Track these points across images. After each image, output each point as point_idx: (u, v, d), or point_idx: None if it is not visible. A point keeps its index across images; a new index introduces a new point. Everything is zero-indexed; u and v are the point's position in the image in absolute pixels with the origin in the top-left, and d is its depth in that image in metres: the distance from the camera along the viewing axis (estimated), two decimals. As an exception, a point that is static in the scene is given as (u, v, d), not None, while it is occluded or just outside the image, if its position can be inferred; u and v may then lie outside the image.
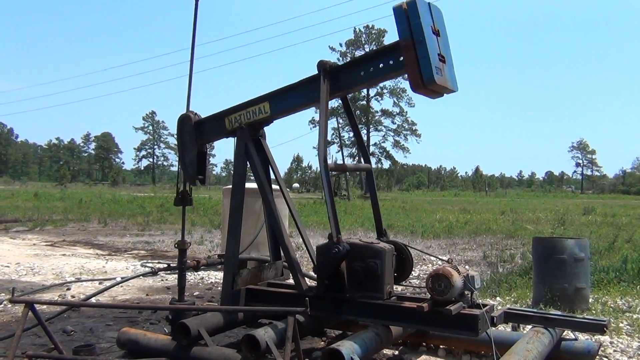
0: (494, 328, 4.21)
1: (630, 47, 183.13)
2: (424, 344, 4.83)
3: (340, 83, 4.32)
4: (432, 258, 10.67)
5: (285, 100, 4.60)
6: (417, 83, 3.79)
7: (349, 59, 70.59)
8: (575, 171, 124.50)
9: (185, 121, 5.00)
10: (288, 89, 4.58)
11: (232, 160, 4.92)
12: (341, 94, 4.61)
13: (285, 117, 4.78)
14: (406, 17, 3.77)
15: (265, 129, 5.00)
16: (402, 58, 3.88)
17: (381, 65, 4.10)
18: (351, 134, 67.40)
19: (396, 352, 4.70)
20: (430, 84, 3.77)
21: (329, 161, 4.35)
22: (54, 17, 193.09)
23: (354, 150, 66.83)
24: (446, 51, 3.96)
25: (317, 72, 4.33)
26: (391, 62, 4.03)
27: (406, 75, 3.91)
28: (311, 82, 4.38)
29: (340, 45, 71.27)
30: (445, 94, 4.05)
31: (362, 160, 5.18)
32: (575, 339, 4.45)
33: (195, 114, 5.03)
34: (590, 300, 6.51)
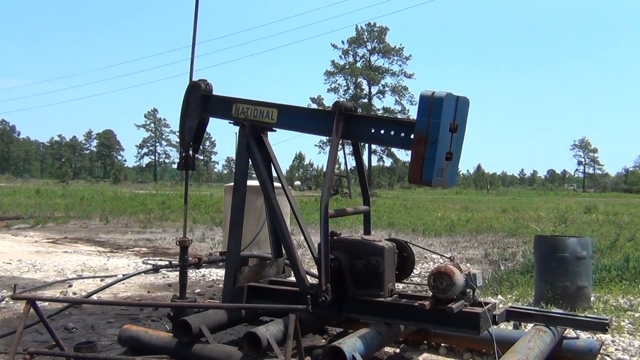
0: (495, 326, 4.20)
1: (633, 45, 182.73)
2: (425, 342, 4.83)
3: (349, 129, 4.33)
4: (434, 256, 10.67)
5: (293, 118, 4.66)
6: (414, 177, 3.87)
7: (350, 56, 71.13)
8: (577, 169, 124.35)
9: (194, 89, 4.99)
10: (299, 110, 4.67)
11: (234, 158, 4.91)
12: (346, 139, 4.65)
13: (287, 130, 4.83)
14: (429, 111, 3.77)
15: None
16: (412, 137, 3.90)
17: (392, 132, 4.14)
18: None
19: (397, 350, 4.70)
20: (426, 184, 3.89)
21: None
22: (55, 15, 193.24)
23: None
24: (457, 148, 4.01)
25: (330, 108, 4.33)
26: (402, 134, 4.07)
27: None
28: (322, 114, 4.48)
29: (342, 42, 71.18)
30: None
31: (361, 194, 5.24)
32: (577, 338, 4.45)
33: (207, 84, 5.02)
34: (592, 298, 6.50)
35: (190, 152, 5.06)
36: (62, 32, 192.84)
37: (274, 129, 4.84)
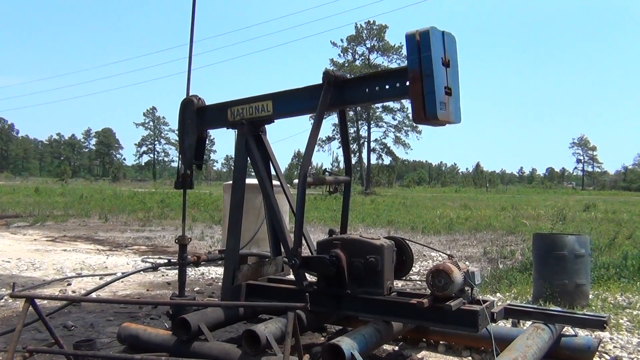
0: (494, 324, 4.21)
1: (632, 44, 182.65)
2: (424, 339, 4.84)
3: (343, 96, 4.31)
4: (433, 254, 10.68)
5: (288, 103, 4.62)
6: (419, 116, 3.80)
7: (350, 54, 71.11)
8: (576, 167, 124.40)
9: (187, 105, 5.00)
10: (292, 93, 4.59)
11: (233, 156, 4.91)
12: (342, 107, 4.62)
13: (286, 118, 4.81)
14: (417, 48, 3.75)
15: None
16: (407, 83, 3.87)
17: (387, 86, 4.11)
18: (352, 130, 67.44)
19: (396, 348, 4.70)
20: (432, 119, 3.79)
21: (330, 157, 4.37)
22: (54, 13, 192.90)
23: (354, 147, 66.82)
24: (454, 83, 3.94)
25: (321, 79, 4.29)
26: (397, 85, 4.04)
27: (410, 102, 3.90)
28: (315, 89, 4.38)
29: (342, 40, 71.13)
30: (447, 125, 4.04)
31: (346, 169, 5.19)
32: (575, 335, 4.45)
33: (199, 99, 5.03)
34: (590, 296, 6.51)
35: (194, 168, 5.07)
36: (61, 30, 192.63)
37: (273, 120, 4.82)
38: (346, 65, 69.50)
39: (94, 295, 6.26)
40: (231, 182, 5.05)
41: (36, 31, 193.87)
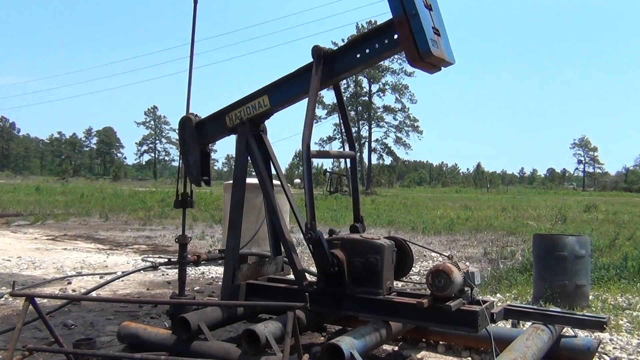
0: (493, 324, 4.21)
1: (633, 45, 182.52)
2: (423, 339, 4.84)
3: (336, 68, 4.29)
4: (433, 254, 10.68)
5: (284, 92, 4.58)
6: (414, 57, 3.77)
7: (351, 54, 71.18)
8: (577, 168, 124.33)
9: (186, 123, 5.01)
10: (285, 80, 4.56)
11: (234, 156, 4.92)
12: (338, 79, 4.56)
13: (285, 108, 4.76)
14: None
15: (267, 124, 5.00)
16: (396, 36, 3.86)
17: (377, 45, 4.08)
18: (353, 130, 67.35)
19: (396, 348, 4.71)
20: (427, 57, 3.76)
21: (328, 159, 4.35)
22: (55, 11, 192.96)
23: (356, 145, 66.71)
24: (440, 25, 3.93)
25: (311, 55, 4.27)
26: (386, 41, 4.01)
27: (403, 52, 3.87)
28: (308, 70, 4.34)
29: (343, 40, 71.11)
30: (442, 67, 4.02)
31: (347, 147, 5.15)
32: (575, 336, 4.46)
33: (196, 115, 5.04)
34: (590, 297, 6.51)
35: (194, 184, 5.07)
36: (62, 29, 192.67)
37: (273, 112, 4.79)
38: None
39: (94, 294, 6.26)
40: (231, 181, 5.05)
41: (37, 30, 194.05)
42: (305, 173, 4.22)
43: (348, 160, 5.07)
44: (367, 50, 4.14)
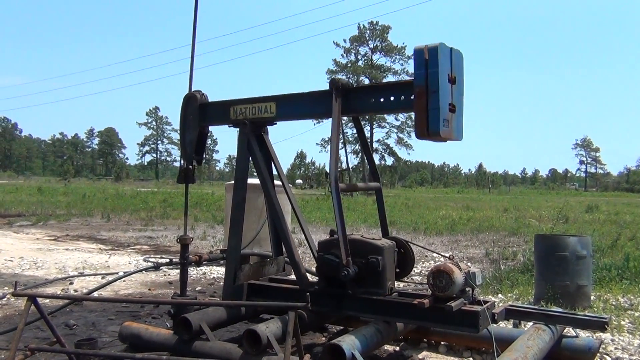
0: (494, 325, 4.21)
1: (636, 45, 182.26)
2: (425, 340, 4.84)
3: (349, 104, 4.32)
4: (435, 255, 10.67)
5: (292, 107, 4.63)
6: (422, 131, 3.82)
7: (352, 55, 71.08)
8: (579, 169, 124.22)
9: (190, 100, 5.00)
10: (296, 97, 4.60)
11: (235, 156, 4.92)
12: (348, 115, 4.62)
13: (288, 121, 4.83)
14: (425, 63, 3.76)
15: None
16: (413, 97, 3.88)
17: (392, 98, 4.13)
18: (354, 130, 67.29)
19: (397, 348, 4.71)
20: (434, 135, 3.81)
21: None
22: (57, 13, 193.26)
23: (357, 146, 66.72)
24: (458, 99, 3.96)
25: (328, 87, 4.31)
26: (402, 97, 4.06)
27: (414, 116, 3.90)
28: (320, 95, 4.41)
29: (345, 41, 71.11)
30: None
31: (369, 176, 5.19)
32: (576, 336, 4.45)
33: (202, 94, 5.03)
34: (591, 297, 6.50)
35: (195, 164, 5.06)
36: (64, 30, 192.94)
37: (275, 122, 4.83)
38: (349, 65, 69.47)
39: (95, 294, 6.27)
40: (233, 181, 5.06)
41: (39, 31, 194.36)
42: (335, 208, 4.11)
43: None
44: (382, 99, 4.19)
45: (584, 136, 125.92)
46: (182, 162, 5.10)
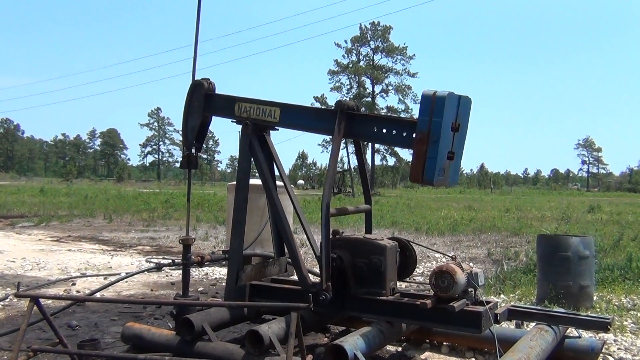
0: (497, 325, 4.21)
1: (637, 44, 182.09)
2: (427, 340, 4.83)
3: (351, 128, 4.33)
4: (437, 255, 10.67)
5: (295, 117, 4.66)
6: (416, 176, 3.87)
7: (354, 55, 71.07)
8: (581, 169, 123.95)
9: (197, 88, 5.01)
10: (301, 109, 4.66)
11: (237, 157, 4.92)
12: (349, 138, 4.64)
13: (289, 129, 4.84)
14: (430, 111, 3.77)
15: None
16: (414, 136, 3.89)
17: (394, 132, 4.15)
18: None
19: (399, 349, 4.70)
20: (427, 183, 3.86)
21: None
22: (59, 13, 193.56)
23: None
24: (459, 147, 3.99)
25: (333, 107, 4.34)
26: (404, 134, 4.08)
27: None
28: (324, 113, 4.47)
29: (346, 41, 71.08)
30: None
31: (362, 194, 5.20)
32: (579, 337, 4.44)
33: (210, 83, 5.04)
34: (594, 298, 6.49)
35: (193, 151, 5.07)
36: (66, 31, 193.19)
37: (277, 128, 4.85)
38: (350, 66, 69.45)
39: (98, 295, 6.28)
40: (235, 182, 5.06)
41: (41, 32, 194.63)
42: (323, 233, 4.13)
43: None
44: (384, 131, 4.21)
45: (586, 136, 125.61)
46: (183, 148, 5.13)
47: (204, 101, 4.96)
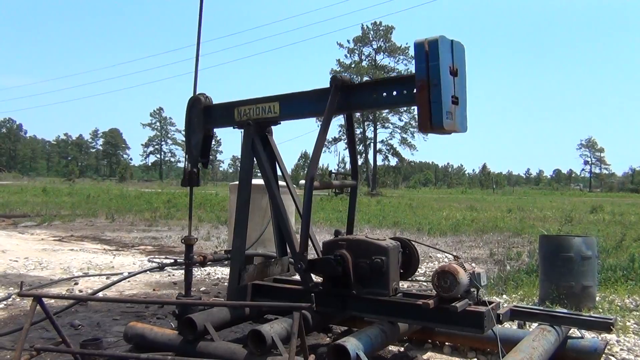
0: (499, 325, 4.20)
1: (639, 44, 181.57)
2: (429, 340, 4.83)
3: (350, 101, 4.31)
4: (439, 255, 10.67)
5: (295, 105, 4.62)
6: (425, 124, 3.79)
7: (356, 55, 71.12)
8: (583, 169, 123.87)
9: (195, 103, 5.02)
10: (299, 95, 4.60)
11: (239, 157, 4.93)
12: (349, 112, 4.64)
13: (292, 120, 4.83)
14: (425, 56, 3.74)
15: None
16: (414, 90, 3.86)
17: (394, 93, 4.11)
18: (358, 131, 67.38)
19: (402, 349, 4.70)
20: (438, 128, 3.77)
21: (336, 159, 4.36)
22: (62, 13, 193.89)
23: (360, 147, 66.75)
24: (461, 92, 3.93)
25: (329, 83, 4.29)
26: (404, 92, 4.04)
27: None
28: (323, 93, 4.39)
29: (348, 41, 71.14)
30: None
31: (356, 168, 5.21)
32: (582, 337, 4.44)
33: (206, 97, 5.05)
34: (597, 298, 6.48)
35: (200, 166, 5.09)
36: (69, 31, 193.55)
37: (279, 122, 4.84)
38: (353, 66, 69.46)
39: (100, 294, 6.29)
40: (237, 182, 5.07)
41: (44, 32, 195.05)
42: (304, 203, 4.18)
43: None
44: (384, 94, 4.16)
45: (589, 136, 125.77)
46: (187, 164, 5.12)
47: (203, 115, 4.98)
